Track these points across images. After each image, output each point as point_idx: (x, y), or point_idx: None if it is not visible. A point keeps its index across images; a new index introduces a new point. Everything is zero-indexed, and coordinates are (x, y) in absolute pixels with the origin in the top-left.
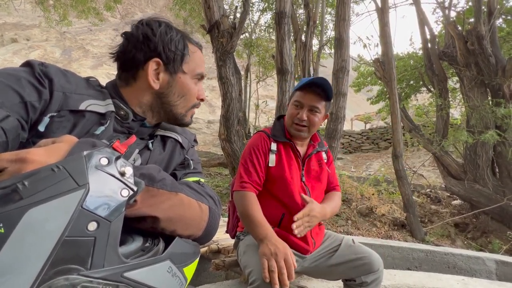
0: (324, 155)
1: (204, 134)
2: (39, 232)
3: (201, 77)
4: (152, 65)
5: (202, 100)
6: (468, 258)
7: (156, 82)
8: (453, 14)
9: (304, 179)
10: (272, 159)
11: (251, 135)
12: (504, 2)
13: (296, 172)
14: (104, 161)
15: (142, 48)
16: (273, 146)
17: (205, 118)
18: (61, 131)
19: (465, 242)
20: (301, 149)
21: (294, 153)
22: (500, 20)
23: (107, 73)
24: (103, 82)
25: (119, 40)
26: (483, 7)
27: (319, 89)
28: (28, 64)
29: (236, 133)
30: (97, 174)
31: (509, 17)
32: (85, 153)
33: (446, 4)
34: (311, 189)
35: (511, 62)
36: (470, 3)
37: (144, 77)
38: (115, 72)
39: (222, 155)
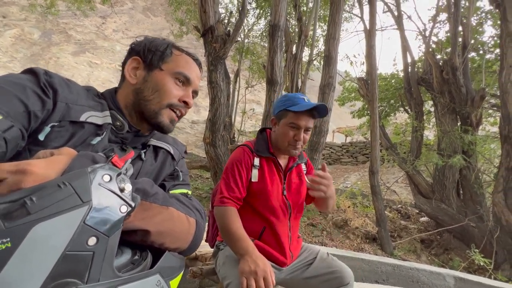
0: (303, 167)
1: (187, 134)
2: (43, 247)
3: (184, 78)
4: (130, 62)
5: (185, 103)
6: (431, 274)
7: (132, 77)
8: (435, 40)
9: (285, 192)
10: (255, 174)
11: (236, 140)
12: (477, 36)
13: (278, 186)
14: (106, 178)
15: (131, 52)
16: (256, 161)
17: (189, 118)
18: (59, 140)
19: (429, 258)
20: (283, 162)
21: (277, 167)
22: (473, 53)
23: (89, 61)
24: (85, 71)
25: (105, 27)
26: (459, 39)
27: (315, 111)
28: (32, 72)
29: (221, 137)
30: (99, 191)
31: (481, 51)
32: (89, 169)
33: (427, 33)
34: (291, 202)
35: (479, 94)
36: (448, 34)
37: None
38: (98, 61)
39: (204, 157)
